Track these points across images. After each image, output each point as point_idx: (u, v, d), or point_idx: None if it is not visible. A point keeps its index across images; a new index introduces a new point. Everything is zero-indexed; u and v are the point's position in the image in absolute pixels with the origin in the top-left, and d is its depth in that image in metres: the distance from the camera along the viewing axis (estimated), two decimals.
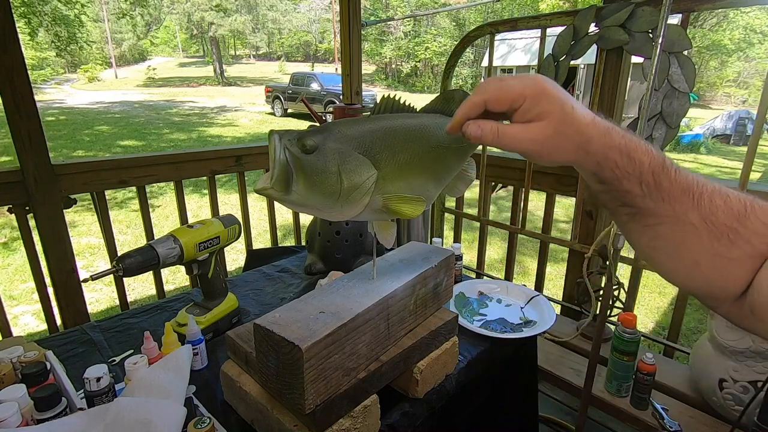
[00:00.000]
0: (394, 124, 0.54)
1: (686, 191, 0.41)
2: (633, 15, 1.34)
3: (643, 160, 0.41)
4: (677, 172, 0.42)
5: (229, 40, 36.02)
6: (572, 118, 0.41)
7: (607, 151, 0.41)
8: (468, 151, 0.63)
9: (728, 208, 0.40)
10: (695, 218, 0.41)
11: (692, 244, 0.41)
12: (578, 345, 1.60)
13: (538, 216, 2.42)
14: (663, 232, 0.43)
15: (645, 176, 0.41)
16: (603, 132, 0.41)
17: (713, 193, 0.41)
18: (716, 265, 0.41)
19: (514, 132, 0.42)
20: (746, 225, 0.40)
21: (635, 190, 0.42)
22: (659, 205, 0.42)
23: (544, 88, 0.41)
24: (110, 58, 30.13)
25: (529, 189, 1.78)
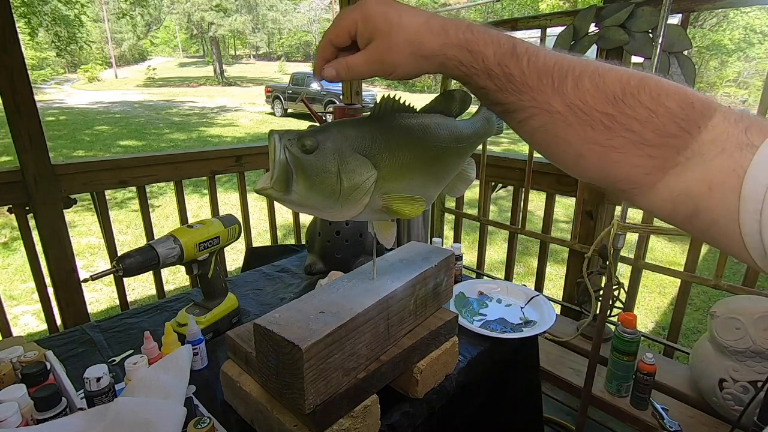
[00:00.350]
0: (393, 124, 0.54)
1: (544, 77, 0.38)
2: (633, 15, 1.34)
3: (486, 52, 0.39)
4: (533, 58, 0.38)
5: (229, 40, 36.02)
6: (399, 28, 0.40)
7: (444, 50, 0.39)
8: (468, 151, 0.64)
9: (599, 91, 0.36)
10: (559, 105, 0.37)
11: (567, 135, 0.38)
12: (578, 345, 1.60)
13: (539, 216, 2.42)
14: (536, 126, 0.40)
15: (492, 69, 0.39)
16: (436, 32, 0.39)
17: (582, 75, 0.37)
18: (600, 154, 0.38)
19: (358, 60, 0.42)
20: (623, 110, 0.36)
21: (489, 86, 0.40)
22: (518, 98, 0.39)
23: (367, 9, 0.41)
24: (110, 58, 30.13)
25: (529, 189, 1.78)
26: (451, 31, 0.39)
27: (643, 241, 1.56)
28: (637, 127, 0.36)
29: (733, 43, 14.17)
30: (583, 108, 0.37)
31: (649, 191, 0.38)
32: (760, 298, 1.20)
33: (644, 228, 1.31)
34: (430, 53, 0.40)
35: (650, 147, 0.36)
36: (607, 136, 0.37)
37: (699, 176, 0.35)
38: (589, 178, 0.41)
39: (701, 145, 0.35)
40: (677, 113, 0.35)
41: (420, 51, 0.40)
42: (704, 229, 0.36)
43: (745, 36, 14.14)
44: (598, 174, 0.40)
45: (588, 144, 0.38)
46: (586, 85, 0.37)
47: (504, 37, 0.39)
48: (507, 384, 1.12)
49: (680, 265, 1.52)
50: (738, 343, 1.13)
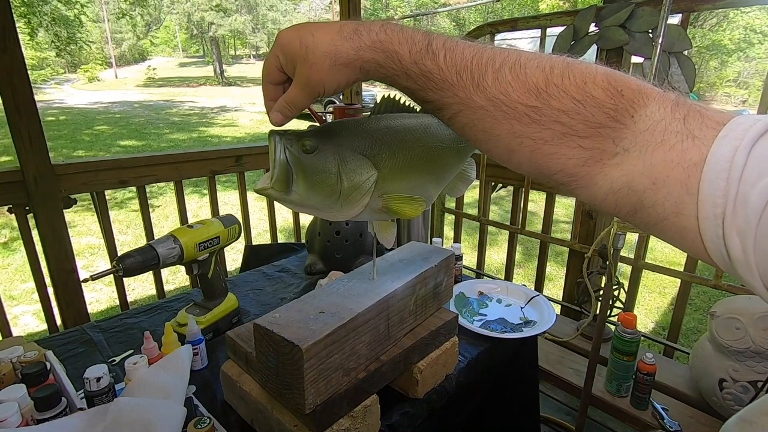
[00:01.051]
0: (394, 124, 0.54)
1: (462, 72, 0.36)
2: (633, 15, 1.34)
3: (401, 51, 0.38)
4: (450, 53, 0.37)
5: (229, 40, 36.01)
6: (313, 47, 0.40)
7: (360, 53, 0.39)
8: (468, 151, 0.63)
9: (521, 82, 0.35)
10: (482, 100, 0.36)
11: (495, 130, 0.37)
12: (578, 345, 1.60)
13: (539, 216, 2.42)
14: (464, 122, 0.39)
15: (409, 68, 0.38)
16: (348, 37, 0.39)
17: (502, 67, 0.36)
18: (531, 148, 0.36)
19: (292, 93, 0.43)
20: (548, 102, 0.34)
21: (411, 85, 0.39)
22: (440, 95, 0.38)
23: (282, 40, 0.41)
24: (110, 58, 30.13)
25: (529, 189, 1.78)
26: (363, 34, 0.39)
27: (643, 241, 1.56)
28: (565, 119, 0.34)
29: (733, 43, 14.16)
30: (507, 102, 0.35)
31: (589, 184, 0.37)
32: (759, 298, 1.20)
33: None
34: (347, 60, 0.39)
35: (581, 138, 0.35)
36: (536, 129, 0.35)
37: (641, 169, 0.33)
38: (525, 171, 0.40)
39: (638, 135, 0.34)
40: (605, 102, 0.34)
41: (337, 60, 0.40)
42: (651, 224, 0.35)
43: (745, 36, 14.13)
44: (533, 167, 0.38)
45: (517, 138, 0.36)
46: (507, 78, 0.35)
47: (419, 33, 0.38)
48: (507, 384, 1.12)
49: (680, 265, 1.52)
50: (738, 343, 1.13)
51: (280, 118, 0.45)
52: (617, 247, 1.23)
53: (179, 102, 15.91)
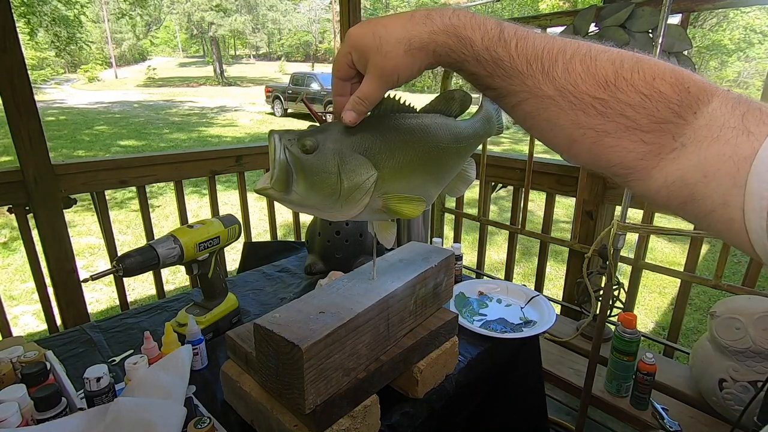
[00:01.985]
0: (394, 124, 0.54)
1: (533, 62, 0.37)
2: (633, 15, 1.34)
3: (474, 37, 0.38)
4: (522, 42, 0.37)
5: (229, 40, 36.01)
6: (387, 36, 0.40)
7: (433, 37, 0.39)
8: (468, 151, 0.63)
9: (590, 74, 0.35)
10: (550, 90, 0.37)
11: (559, 120, 0.38)
12: (578, 345, 1.60)
13: (539, 216, 2.42)
14: (528, 110, 0.39)
15: (480, 53, 0.38)
16: (422, 21, 0.40)
17: (572, 58, 0.36)
18: (593, 139, 0.37)
19: (365, 87, 0.44)
20: (616, 95, 0.35)
21: (479, 71, 0.40)
22: (509, 83, 0.38)
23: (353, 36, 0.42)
24: (110, 58, 30.13)
25: (529, 189, 1.78)
26: (436, 19, 0.39)
27: (643, 241, 1.56)
28: (630, 113, 0.35)
29: (733, 43, 14.16)
30: (574, 92, 0.36)
31: (645, 177, 0.37)
32: (760, 298, 1.20)
33: (644, 228, 1.31)
34: (421, 44, 0.40)
35: (644, 132, 0.35)
36: (600, 122, 0.36)
37: (694, 163, 0.34)
38: (582, 162, 0.41)
39: (696, 131, 0.34)
40: (672, 98, 0.34)
41: (411, 45, 0.40)
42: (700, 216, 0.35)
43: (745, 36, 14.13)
44: (592, 159, 0.39)
45: (580, 129, 0.37)
46: (577, 69, 0.36)
47: (491, 21, 0.39)
48: (507, 384, 1.12)
49: (680, 265, 1.52)
50: (738, 343, 1.13)
51: (354, 117, 0.46)
52: (617, 247, 1.23)
53: (179, 102, 15.91)
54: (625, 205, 1.21)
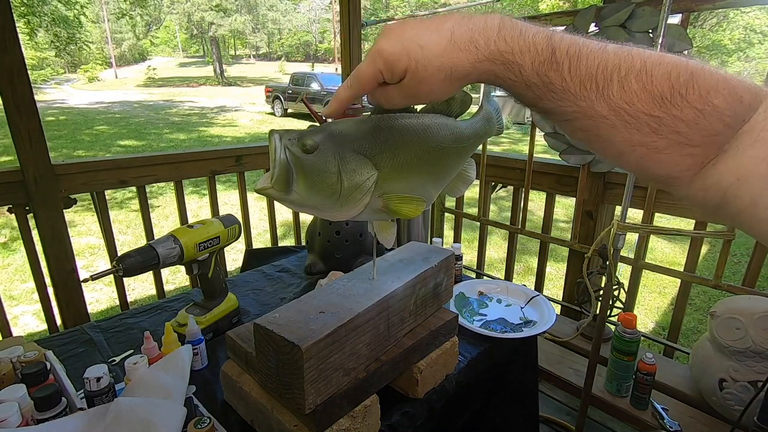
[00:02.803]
0: (394, 124, 0.54)
1: (587, 83, 0.36)
2: (633, 15, 1.34)
3: (523, 63, 0.36)
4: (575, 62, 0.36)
5: (229, 40, 36.02)
6: (425, 60, 0.37)
7: (477, 66, 0.37)
8: (468, 152, 0.63)
9: (646, 92, 0.35)
10: (604, 110, 0.36)
11: (610, 136, 0.37)
12: (578, 345, 1.60)
13: (539, 216, 2.42)
14: (578, 127, 0.39)
15: (529, 78, 0.37)
16: (465, 48, 0.37)
17: (628, 74, 0.35)
18: (642, 154, 0.37)
19: (395, 96, 0.42)
20: (671, 111, 0.34)
21: (528, 94, 0.38)
22: (558, 105, 0.37)
23: (387, 54, 0.39)
24: (110, 58, 30.14)
25: (529, 189, 1.78)
26: (481, 44, 0.37)
27: (643, 241, 1.56)
28: (683, 129, 0.35)
29: (733, 43, 14.16)
30: (630, 111, 0.35)
31: (686, 185, 0.38)
32: (760, 298, 1.20)
33: (644, 228, 1.31)
34: (464, 74, 0.38)
35: (693, 147, 0.35)
36: (653, 139, 0.36)
37: (730, 167, 0.34)
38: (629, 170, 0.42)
39: (738, 137, 0.34)
40: (724, 111, 0.34)
41: (453, 75, 0.38)
42: (733, 215, 0.36)
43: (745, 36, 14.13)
44: (638, 170, 0.39)
45: (632, 146, 0.37)
46: (633, 87, 0.35)
47: (541, 38, 0.36)
48: (507, 384, 1.12)
49: (680, 265, 1.52)
50: (738, 343, 1.13)
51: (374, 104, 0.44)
52: (617, 247, 1.23)
53: (179, 102, 15.91)
54: (625, 205, 1.21)
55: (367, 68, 0.41)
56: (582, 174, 1.62)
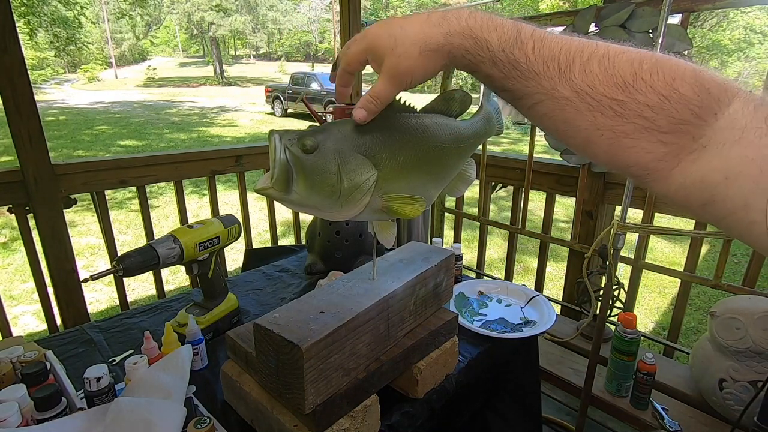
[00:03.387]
0: (394, 124, 0.54)
1: (550, 63, 0.37)
2: (633, 15, 1.34)
3: (490, 39, 0.39)
4: (538, 44, 0.38)
5: (229, 40, 36.02)
6: (403, 37, 0.41)
7: (449, 39, 0.40)
8: (468, 151, 0.63)
9: (608, 75, 0.35)
10: (567, 91, 0.37)
11: (576, 121, 0.37)
12: (578, 345, 1.60)
13: (539, 216, 2.42)
14: (544, 111, 0.39)
15: (496, 55, 0.39)
16: (438, 23, 0.40)
17: (590, 59, 0.36)
18: (610, 140, 0.37)
19: (379, 86, 0.44)
20: (634, 96, 0.35)
21: (495, 73, 0.40)
22: (524, 84, 0.39)
23: (371, 35, 0.43)
24: (110, 58, 30.13)
25: (529, 189, 1.78)
26: (452, 20, 0.40)
27: (643, 241, 1.56)
28: (649, 114, 0.35)
29: (733, 43, 14.16)
30: (592, 94, 0.36)
31: (664, 178, 0.37)
32: (760, 298, 1.20)
33: (644, 228, 1.31)
34: (437, 46, 0.40)
35: (663, 133, 0.35)
36: (618, 122, 0.36)
37: (715, 165, 0.34)
38: (599, 162, 0.41)
39: (717, 132, 0.34)
40: (692, 99, 0.34)
41: (427, 47, 0.40)
42: (720, 218, 0.35)
43: (745, 36, 14.13)
44: (609, 159, 0.39)
45: (598, 130, 0.37)
46: (595, 70, 0.36)
47: (508, 23, 0.39)
48: (507, 384, 1.12)
49: (680, 265, 1.52)
50: (738, 343, 1.13)
51: (364, 115, 0.47)
52: (617, 247, 1.23)
53: (179, 102, 15.91)
54: (625, 205, 1.21)
55: (353, 47, 0.45)
56: (582, 174, 1.62)
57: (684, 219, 1.51)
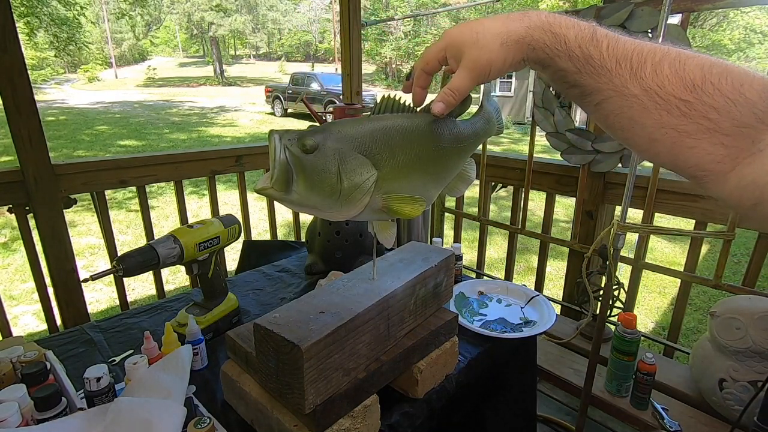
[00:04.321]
0: (394, 125, 0.54)
1: (623, 62, 0.39)
2: (633, 15, 1.34)
3: (568, 34, 0.41)
4: (612, 43, 0.40)
5: (229, 40, 36.02)
6: (484, 31, 0.43)
7: (530, 32, 0.42)
8: (468, 151, 0.63)
9: (679, 77, 0.37)
10: (636, 89, 0.38)
11: (642, 119, 0.39)
12: (578, 345, 1.60)
13: (539, 215, 2.42)
14: (611, 109, 0.41)
15: (572, 50, 0.41)
16: (519, 19, 0.43)
17: (662, 61, 0.38)
18: (674, 139, 0.38)
19: (457, 80, 0.46)
20: (701, 98, 0.36)
21: (569, 67, 0.42)
22: (595, 80, 0.41)
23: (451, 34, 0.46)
24: (110, 58, 30.14)
25: (529, 189, 1.78)
26: (533, 16, 0.42)
27: (643, 241, 1.56)
28: (714, 116, 0.36)
29: (733, 43, 14.17)
30: (661, 93, 0.37)
31: (720, 181, 0.39)
32: (760, 298, 1.20)
33: (644, 228, 1.31)
34: (518, 37, 0.42)
35: (725, 136, 0.36)
36: (683, 122, 0.37)
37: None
38: (661, 162, 0.42)
39: None
40: (757, 104, 0.35)
41: (509, 38, 0.42)
42: None
43: (745, 36, 14.13)
44: (671, 159, 0.40)
45: (663, 129, 0.38)
46: (666, 71, 0.37)
47: (584, 23, 0.42)
48: (507, 384, 1.12)
49: (680, 265, 1.52)
50: (738, 343, 1.13)
51: (442, 108, 0.49)
52: (617, 247, 1.23)
53: (179, 102, 15.91)
54: (625, 205, 1.21)
55: (433, 46, 0.47)
56: (582, 174, 1.62)
57: (684, 219, 1.51)
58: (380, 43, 26.46)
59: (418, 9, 23.68)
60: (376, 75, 28.05)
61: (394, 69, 27.95)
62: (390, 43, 26.06)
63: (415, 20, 25.42)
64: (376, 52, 26.83)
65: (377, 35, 26.01)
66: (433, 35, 24.78)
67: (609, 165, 1.52)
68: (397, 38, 25.91)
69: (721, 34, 14.27)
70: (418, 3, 24.92)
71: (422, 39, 25.10)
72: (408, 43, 25.57)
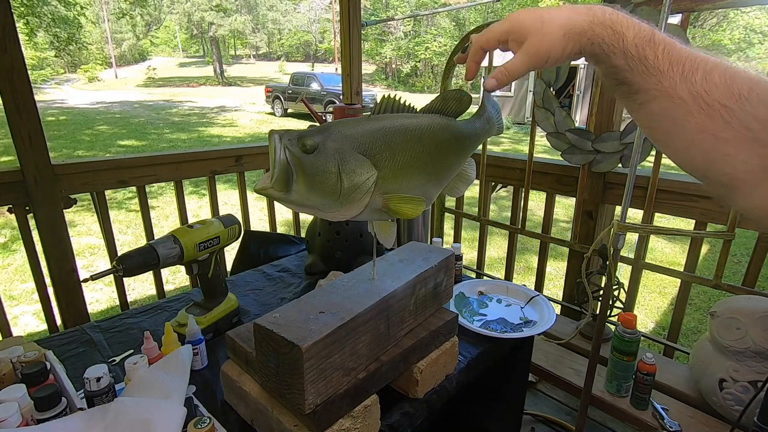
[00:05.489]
0: (394, 124, 0.54)
1: (675, 65, 0.40)
2: (633, 15, 1.34)
3: (627, 33, 0.43)
4: (669, 47, 0.41)
5: (229, 40, 36.01)
6: (550, 20, 0.44)
7: (592, 27, 0.43)
8: (468, 151, 0.64)
9: (726, 86, 0.38)
10: (684, 92, 0.40)
11: (683, 121, 0.40)
12: (578, 345, 1.60)
13: (539, 216, 2.42)
14: (656, 109, 0.42)
15: (628, 49, 0.42)
16: (584, 12, 0.44)
17: (713, 70, 0.39)
18: (711, 144, 0.39)
19: (515, 62, 0.47)
20: (745, 108, 0.37)
21: (622, 64, 0.43)
22: (646, 79, 0.42)
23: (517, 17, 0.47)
24: (110, 58, 30.14)
25: (529, 189, 1.78)
26: (597, 12, 0.44)
27: (643, 241, 1.56)
28: (755, 125, 0.37)
29: (733, 43, 14.16)
30: (706, 98, 0.38)
31: (749, 193, 0.39)
32: (760, 298, 1.20)
33: (644, 228, 1.31)
34: (581, 30, 0.44)
35: (762, 147, 0.37)
36: (722, 128, 0.38)
37: None
38: (695, 167, 0.43)
39: None
40: None
41: (572, 30, 0.44)
42: None
43: (745, 36, 14.13)
44: (705, 165, 0.41)
45: (702, 133, 0.39)
46: (715, 80, 0.38)
47: (645, 25, 0.44)
48: (506, 383, 1.12)
49: (680, 265, 1.52)
50: (738, 343, 1.13)
51: (494, 84, 0.50)
52: (617, 247, 1.23)
53: (179, 102, 15.91)
54: (625, 205, 1.21)
55: (496, 26, 0.48)
56: (582, 174, 1.62)
57: (684, 219, 1.51)
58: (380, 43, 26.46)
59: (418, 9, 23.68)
60: (376, 75, 28.06)
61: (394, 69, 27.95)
62: (390, 43, 26.06)
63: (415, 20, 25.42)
64: (376, 52, 26.83)
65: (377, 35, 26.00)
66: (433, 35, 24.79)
67: (609, 165, 1.52)
68: (397, 38, 25.92)
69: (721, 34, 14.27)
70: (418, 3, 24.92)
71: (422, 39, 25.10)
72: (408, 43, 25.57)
